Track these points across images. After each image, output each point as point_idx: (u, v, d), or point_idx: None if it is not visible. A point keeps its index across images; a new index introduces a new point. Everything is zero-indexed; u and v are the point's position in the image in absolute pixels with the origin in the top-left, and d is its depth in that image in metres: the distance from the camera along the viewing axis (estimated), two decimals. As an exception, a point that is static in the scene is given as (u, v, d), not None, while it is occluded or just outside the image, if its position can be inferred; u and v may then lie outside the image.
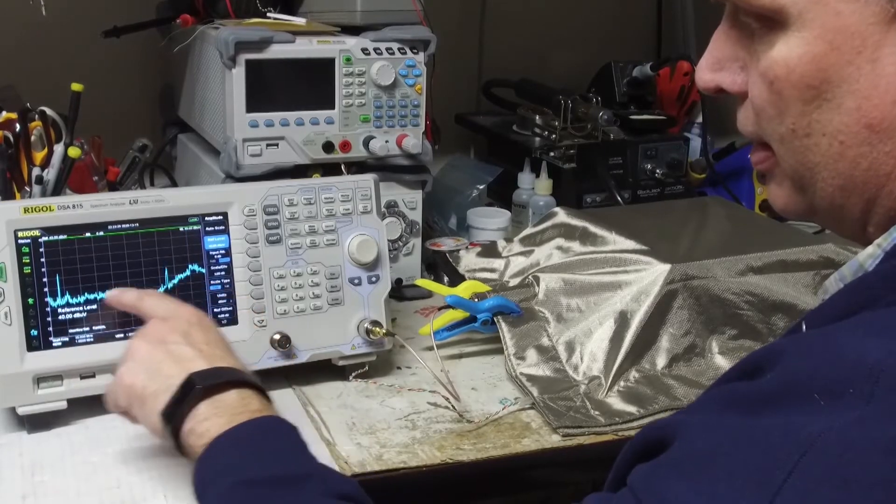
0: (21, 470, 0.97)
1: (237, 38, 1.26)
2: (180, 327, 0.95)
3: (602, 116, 1.64)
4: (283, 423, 0.88)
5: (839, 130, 0.66)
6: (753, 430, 0.58)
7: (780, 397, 0.59)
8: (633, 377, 1.18)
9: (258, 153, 1.30)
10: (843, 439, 0.54)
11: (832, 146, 0.67)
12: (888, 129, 0.65)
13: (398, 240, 1.42)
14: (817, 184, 0.70)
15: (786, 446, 0.55)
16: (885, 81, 0.64)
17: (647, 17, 2.16)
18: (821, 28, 0.65)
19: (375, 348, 1.17)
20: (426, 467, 1.01)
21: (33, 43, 1.65)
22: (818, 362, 0.60)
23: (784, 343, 0.64)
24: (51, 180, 1.25)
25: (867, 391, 0.55)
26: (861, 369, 0.57)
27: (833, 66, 0.65)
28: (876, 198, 0.68)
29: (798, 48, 0.66)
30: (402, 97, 1.36)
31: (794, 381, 0.59)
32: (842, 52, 0.64)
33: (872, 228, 0.70)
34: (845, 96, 0.65)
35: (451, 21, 1.90)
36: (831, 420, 0.55)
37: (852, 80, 0.65)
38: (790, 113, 0.68)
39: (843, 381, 0.57)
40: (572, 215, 1.40)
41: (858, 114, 0.65)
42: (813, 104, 0.67)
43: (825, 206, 0.71)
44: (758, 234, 1.41)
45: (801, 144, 0.69)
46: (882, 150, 0.65)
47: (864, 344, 0.58)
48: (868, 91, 0.64)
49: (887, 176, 0.66)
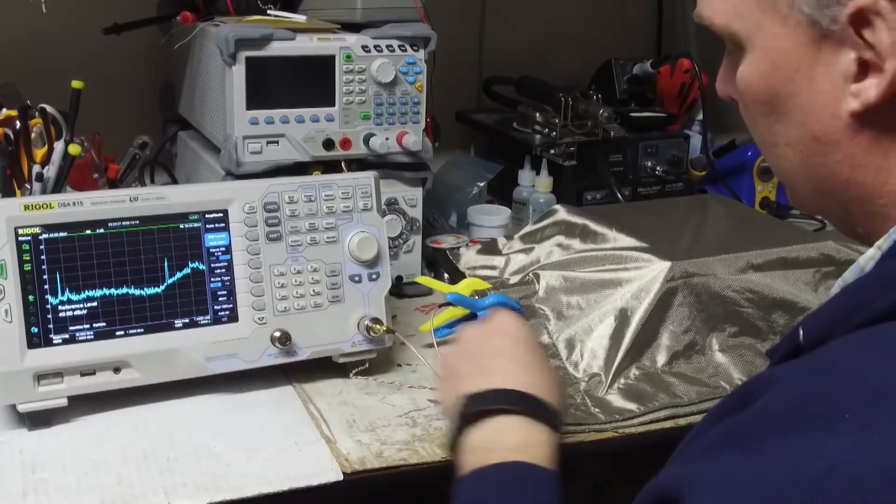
0: (21, 467, 0.97)
1: (237, 36, 1.26)
2: (484, 337, 0.99)
3: (602, 114, 1.64)
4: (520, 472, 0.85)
5: (796, 142, 0.72)
6: (756, 474, 0.57)
7: (776, 424, 0.58)
8: (634, 374, 1.18)
9: (258, 150, 1.30)
10: (849, 475, 0.53)
11: (795, 156, 0.73)
12: (833, 140, 0.69)
13: (398, 237, 1.42)
14: (797, 188, 0.76)
15: (794, 491, 0.54)
16: (821, 97, 0.69)
17: (648, 14, 2.16)
18: (763, 49, 0.71)
19: (376, 345, 1.17)
20: (427, 465, 1.01)
21: (34, 40, 1.65)
22: (813, 385, 0.59)
23: (779, 371, 0.64)
24: (51, 178, 1.25)
25: (864, 416, 0.55)
26: (859, 393, 0.56)
27: (778, 83, 0.71)
28: (847, 201, 0.72)
29: (751, 67, 0.73)
30: (403, 94, 1.36)
31: (789, 407, 0.59)
32: (783, 71, 0.70)
33: (860, 229, 0.73)
34: (793, 111, 0.71)
35: (452, 18, 1.89)
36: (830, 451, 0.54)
37: (795, 96, 0.70)
38: (758, 124, 0.75)
39: (839, 405, 0.56)
40: (573, 213, 1.40)
41: (805, 127, 0.70)
42: (772, 117, 0.73)
43: (812, 207, 0.77)
44: (758, 231, 1.41)
45: (772, 153, 0.75)
46: (833, 159, 0.70)
47: (860, 365, 0.58)
48: (809, 106, 0.70)
49: (847, 182, 0.71)
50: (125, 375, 1.06)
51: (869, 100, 0.66)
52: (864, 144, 0.69)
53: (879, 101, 0.66)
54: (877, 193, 0.70)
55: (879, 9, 0.64)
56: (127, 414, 1.07)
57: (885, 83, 0.65)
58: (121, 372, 1.06)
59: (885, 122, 0.67)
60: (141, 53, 1.72)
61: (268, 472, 0.97)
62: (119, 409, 1.07)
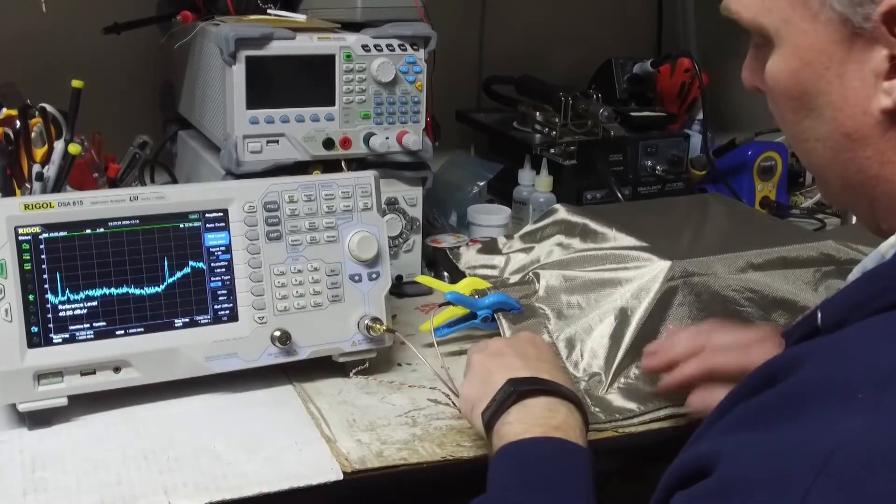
0: (22, 466, 0.97)
1: (237, 35, 1.26)
2: (516, 344, 1.03)
3: (602, 113, 1.64)
4: (565, 447, 0.89)
5: (826, 137, 0.72)
6: (770, 449, 0.58)
7: (795, 404, 0.60)
8: (634, 374, 1.18)
9: (258, 150, 1.30)
10: (855, 455, 0.54)
11: (825, 151, 0.73)
12: (863, 136, 0.70)
13: (398, 236, 1.42)
14: (827, 183, 0.76)
15: (801, 467, 0.56)
16: (852, 94, 0.69)
17: (648, 13, 2.16)
18: (793, 46, 0.71)
19: (376, 345, 1.17)
20: (426, 464, 1.01)
21: (34, 40, 1.65)
22: (831, 367, 0.60)
23: (799, 351, 0.65)
24: (51, 177, 1.25)
25: (875, 399, 0.56)
26: (873, 375, 0.57)
27: (808, 80, 0.71)
28: (875, 197, 0.72)
29: (780, 63, 0.73)
30: (403, 94, 1.36)
31: (807, 387, 0.60)
32: (813, 67, 0.70)
33: (885, 225, 0.74)
34: (823, 107, 0.71)
35: (452, 18, 1.89)
36: (840, 430, 0.55)
37: (825, 93, 0.70)
38: (787, 120, 0.75)
39: (853, 386, 0.57)
40: (573, 212, 1.40)
41: (835, 123, 0.71)
42: (801, 113, 0.73)
43: (841, 202, 0.78)
44: (758, 230, 1.41)
45: (802, 148, 0.75)
46: (863, 156, 0.71)
47: (877, 349, 0.59)
48: (839, 103, 0.70)
49: (876, 178, 0.71)
50: (125, 375, 1.06)
51: None
52: (894, 141, 0.69)
53: None
54: None
55: None
56: (127, 413, 1.07)
57: None
58: (121, 371, 1.06)
59: None
60: (141, 53, 1.72)
61: (268, 471, 0.97)
62: (119, 409, 1.07)
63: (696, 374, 1.02)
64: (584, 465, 0.87)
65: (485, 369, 0.99)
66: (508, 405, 0.92)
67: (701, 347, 1.04)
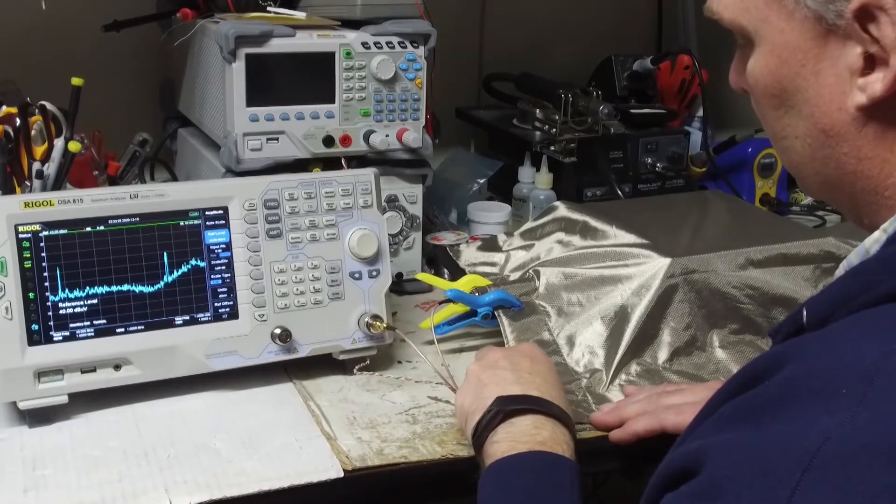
0: (22, 464, 0.97)
1: (237, 32, 1.25)
2: (513, 356, 1.04)
3: (602, 110, 1.64)
4: (551, 459, 0.90)
5: (805, 135, 0.73)
6: (757, 447, 0.59)
7: (780, 401, 0.60)
8: (634, 371, 1.18)
9: (258, 147, 1.30)
10: (840, 450, 0.55)
11: (804, 149, 0.74)
12: (840, 133, 0.71)
13: (398, 234, 1.42)
14: (806, 179, 0.77)
15: (788, 464, 0.56)
16: (828, 91, 0.70)
17: (648, 10, 2.16)
18: (771, 44, 0.72)
19: (376, 342, 1.17)
20: (427, 462, 1.01)
21: (33, 37, 1.65)
22: (815, 363, 0.61)
23: (783, 349, 0.65)
24: (51, 175, 1.25)
25: (860, 392, 0.56)
26: (857, 370, 0.57)
27: (786, 77, 0.72)
28: (854, 193, 0.73)
29: (760, 61, 0.74)
30: (403, 91, 1.36)
31: (792, 384, 0.60)
32: (790, 65, 0.71)
33: (866, 220, 0.74)
34: (801, 105, 0.72)
35: (452, 15, 1.89)
36: (825, 426, 0.56)
37: (803, 90, 0.71)
38: (768, 118, 0.76)
39: (837, 382, 0.58)
40: (573, 209, 1.40)
41: (812, 120, 0.72)
42: (780, 110, 0.74)
43: (821, 198, 0.79)
44: (758, 227, 1.41)
45: (782, 146, 0.76)
46: (840, 152, 0.71)
47: (861, 345, 0.59)
48: (816, 100, 0.71)
49: (854, 174, 0.72)
50: (126, 372, 1.06)
51: (875, 93, 0.67)
52: (870, 137, 0.70)
53: (885, 95, 0.67)
54: (882, 185, 0.71)
55: (883, 4, 0.65)
56: (127, 411, 1.07)
57: (891, 77, 0.66)
58: (121, 369, 1.06)
59: (892, 115, 0.68)
60: (141, 50, 1.71)
61: (268, 469, 0.97)
62: (119, 406, 1.08)
63: (644, 431, 1.03)
64: (569, 476, 0.88)
65: (478, 381, 1.00)
66: (495, 425, 0.93)
67: (653, 409, 1.05)
